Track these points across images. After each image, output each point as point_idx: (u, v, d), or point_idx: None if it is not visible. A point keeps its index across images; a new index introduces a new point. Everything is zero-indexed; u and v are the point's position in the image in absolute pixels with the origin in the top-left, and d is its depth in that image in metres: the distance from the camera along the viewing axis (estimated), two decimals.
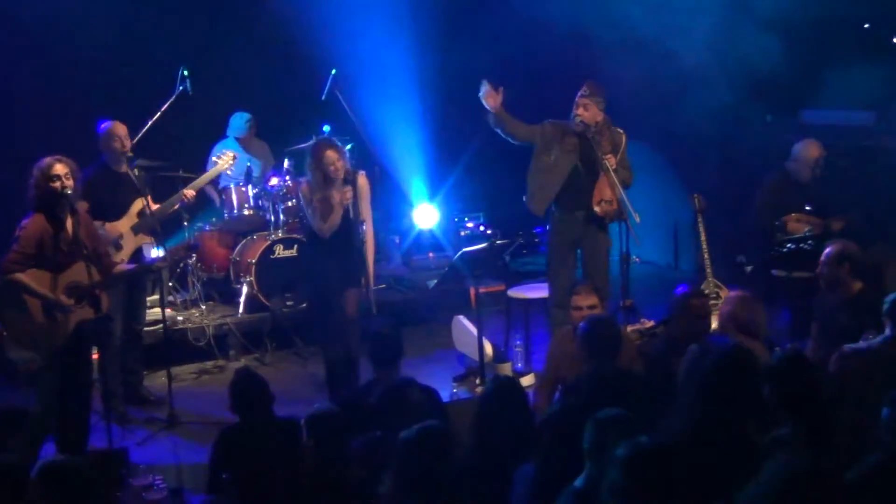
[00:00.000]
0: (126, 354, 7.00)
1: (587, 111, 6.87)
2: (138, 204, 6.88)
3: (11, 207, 6.17)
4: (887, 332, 5.06)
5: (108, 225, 6.79)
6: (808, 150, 7.29)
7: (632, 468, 3.31)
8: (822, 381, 4.42)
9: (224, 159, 7.77)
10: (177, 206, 7.17)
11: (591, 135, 6.84)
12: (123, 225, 6.87)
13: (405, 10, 9.67)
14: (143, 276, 7.14)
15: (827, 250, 5.88)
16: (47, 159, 5.76)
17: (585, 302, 5.99)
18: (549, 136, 6.97)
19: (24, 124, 8.35)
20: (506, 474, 4.18)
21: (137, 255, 6.94)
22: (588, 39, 9.23)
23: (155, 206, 6.88)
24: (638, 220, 6.80)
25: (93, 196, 6.63)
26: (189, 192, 7.19)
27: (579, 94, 6.92)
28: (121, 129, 6.89)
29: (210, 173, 7.73)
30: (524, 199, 7.12)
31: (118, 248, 6.80)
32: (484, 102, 6.83)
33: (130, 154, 6.96)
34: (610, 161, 6.81)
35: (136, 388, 7.13)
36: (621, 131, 7.06)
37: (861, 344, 5.11)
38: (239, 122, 9.02)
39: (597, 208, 6.92)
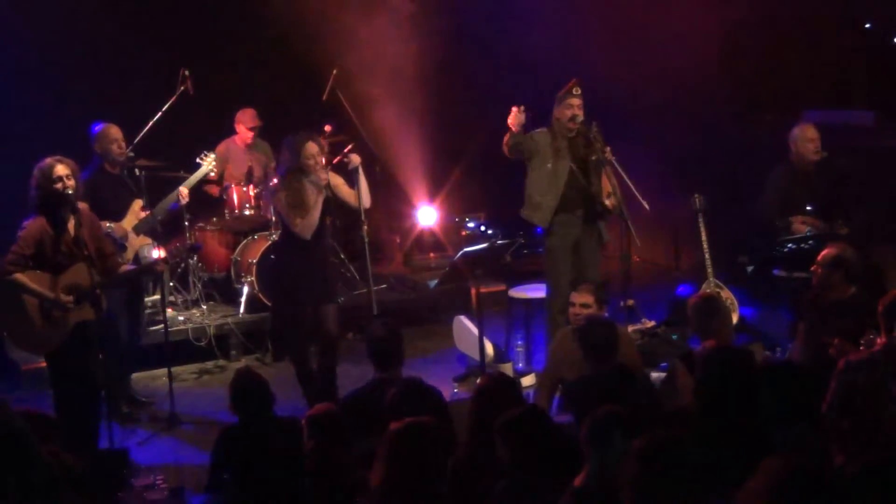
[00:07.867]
0: (128, 356, 6.99)
1: (581, 111, 6.88)
2: (136, 204, 6.92)
3: (11, 207, 6.16)
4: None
5: (115, 225, 6.79)
6: (804, 131, 7.31)
7: (647, 459, 3.38)
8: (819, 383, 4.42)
9: (207, 162, 7.58)
10: (168, 207, 7.10)
11: (593, 134, 6.83)
12: (127, 224, 6.87)
13: (405, 10, 9.68)
14: (142, 277, 7.12)
15: (824, 251, 5.84)
16: (48, 160, 5.72)
17: (579, 300, 6.06)
18: (542, 145, 6.95)
19: (24, 125, 8.34)
20: (500, 469, 4.18)
21: (136, 255, 6.91)
22: (587, 38, 9.24)
23: (145, 213, 6.91)
24: (647, 206, 6.81)
25: (95, 198, 6.60)
26: (184, 191, 7.13)
27: (573, 93, 6.89)
28: (117, 131, 6.88)
29: (198, 173, 7.49)
30: (523, 212, 7.07)
31: (123, 248, 6.77)
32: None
33: (131, 154, 6.94)
34: (607, 153, 6.82)
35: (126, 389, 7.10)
36: None
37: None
38: (248, 116, 8.98)
39: (607, 201, 6.93)
